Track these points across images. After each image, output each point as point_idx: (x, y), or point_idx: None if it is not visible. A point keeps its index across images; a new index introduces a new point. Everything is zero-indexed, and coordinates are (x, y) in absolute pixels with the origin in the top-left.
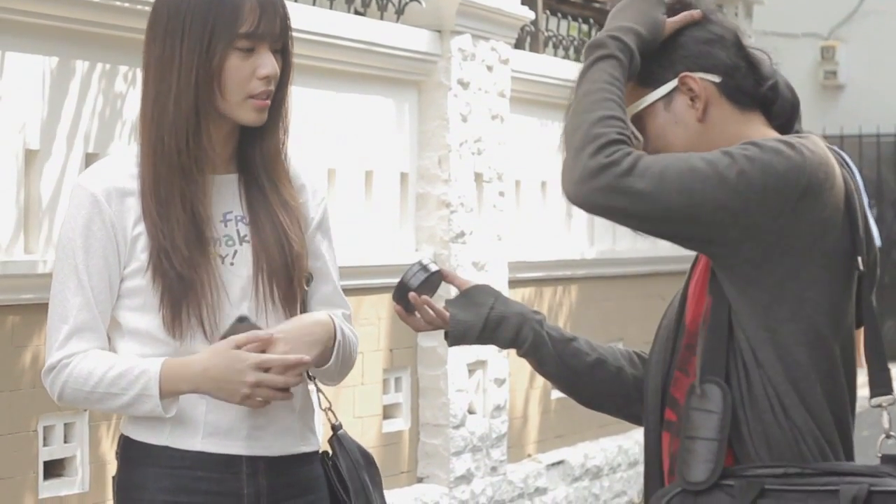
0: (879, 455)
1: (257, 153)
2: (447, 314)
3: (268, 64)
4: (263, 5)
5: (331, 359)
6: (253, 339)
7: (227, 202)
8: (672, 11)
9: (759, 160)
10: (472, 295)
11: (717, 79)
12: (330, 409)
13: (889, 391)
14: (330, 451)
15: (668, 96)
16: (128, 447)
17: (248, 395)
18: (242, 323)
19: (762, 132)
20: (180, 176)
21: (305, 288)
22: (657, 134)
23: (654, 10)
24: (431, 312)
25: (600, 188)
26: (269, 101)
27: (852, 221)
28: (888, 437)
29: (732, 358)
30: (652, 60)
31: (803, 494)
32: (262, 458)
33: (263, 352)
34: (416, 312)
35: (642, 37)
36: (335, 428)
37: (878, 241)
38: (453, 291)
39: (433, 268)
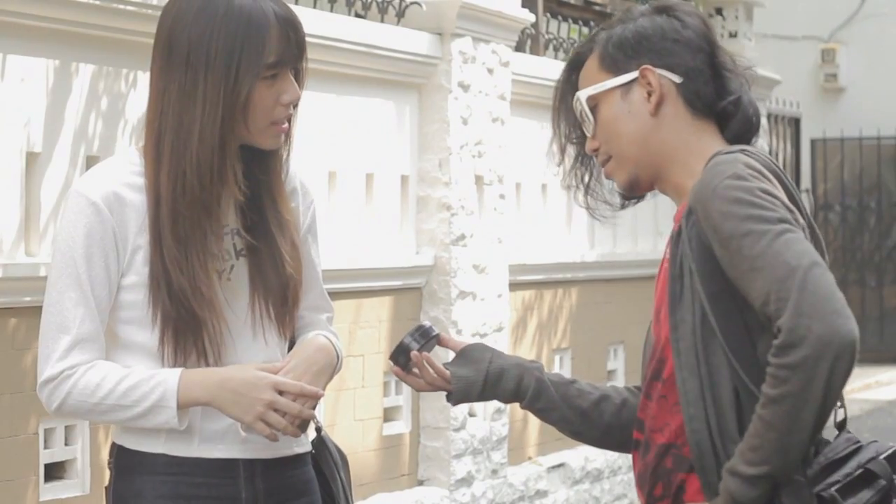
0: (835, 423)
1: (261, 171)
2: (447, 373)
3: (290, 90)
4: (286, 30)
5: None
6: (296, 391)
7: (224, 215)
8: (657, 11)
9: (758, 202)
10: (468, 353)
11: (677, 79)
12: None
13: None
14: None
15: (627, 86)
16: (122, 456)
17: (261, 415)
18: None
19: (711, 143)
20: (202, 212)
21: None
22: (609, 120)
23: None
24: (432, 372)
25: (849, 321)
26: (288, 126)
27: (800, 227)
28: (840, 406)
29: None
30: (617, 48)
31: (848, 487)
32: (258, 460)
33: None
34: (418, 371)
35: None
36: (318, 429)
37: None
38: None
39: (433, 332)
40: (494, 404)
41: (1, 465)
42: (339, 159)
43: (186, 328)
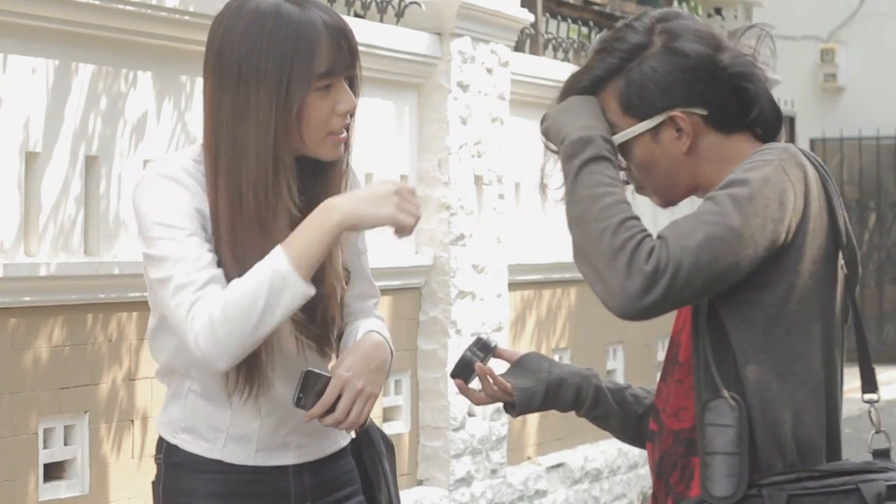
0: (871, 450)
1: (320, 184)
2: (508, 385)
3: (346, 99)
4: (337, 39)
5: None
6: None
7: (281, 231)
8: (662, 39)
9: (758, 197)
10: (524, 364)
11: (703, 111)
12: None
13: (874, 389)
14: (354, 438)
15: (655, 128)
16: (174, 454)
17: (398, 205)
18: (311, 376)
19: (749, 149)
20: (259, 231)
21: (340, 322)
22: (643, 162)
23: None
24: (493, 384)
25: (652, 303)
26: (346, 136)
27: (835, 225)
28: (878, 432)
29: (733, 373)
30: (640, 97)
31: (823, 497)
32: (307, 462)
33: (340, 395)
34: (480, 383)
35: (607, 131)
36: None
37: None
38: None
39: (492, 343)
40: (493, 404)
41: (0, 464)
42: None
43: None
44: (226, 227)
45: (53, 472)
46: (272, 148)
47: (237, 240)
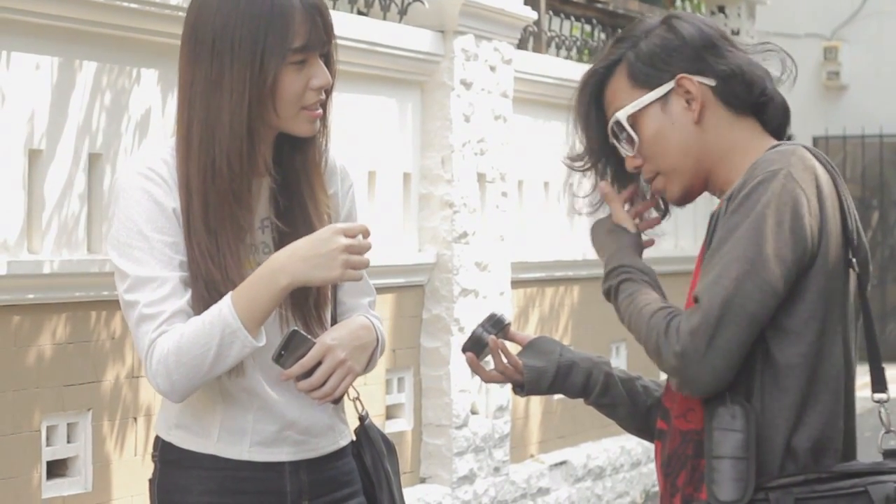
0: (882, 450)
1: (298, 160)
2: (520, 363)
3: (320, 74)
4: (312, 15)
5: (374, 363)
6: (360, 230)
7: (263, 207)
8: (668, 21)
9: (771, 215)
10: (536, 346)
11: (712, 82)
12: (358, 398)
13: (885, 389)
14: (355, 439)
15: (665, 98)
16: (169, 451)
17: (345, 263)
18: (296, 336)
19: (756, 139)
20: (233, 201)
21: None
22: (653, 136)
23: (621, 238)
24: (505, 360)
25: (705, 368)
26: (321, 112)
27: (846, 225)
28: (888, 432)
29: (744, 377)
30: (648, 63)
31: (831, 500)
32: (304, 460)
33: (320, 363)
34: (491, 358)
35: (634, 251)
36: (362, 418)
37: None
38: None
39: (504, 321)
40: (496, 401)
41: (3, 462)
42: (341, 157)
43: None
44: (198, 198)
45: (56, 469)
46: (246, 119)
47: (210, 212)
